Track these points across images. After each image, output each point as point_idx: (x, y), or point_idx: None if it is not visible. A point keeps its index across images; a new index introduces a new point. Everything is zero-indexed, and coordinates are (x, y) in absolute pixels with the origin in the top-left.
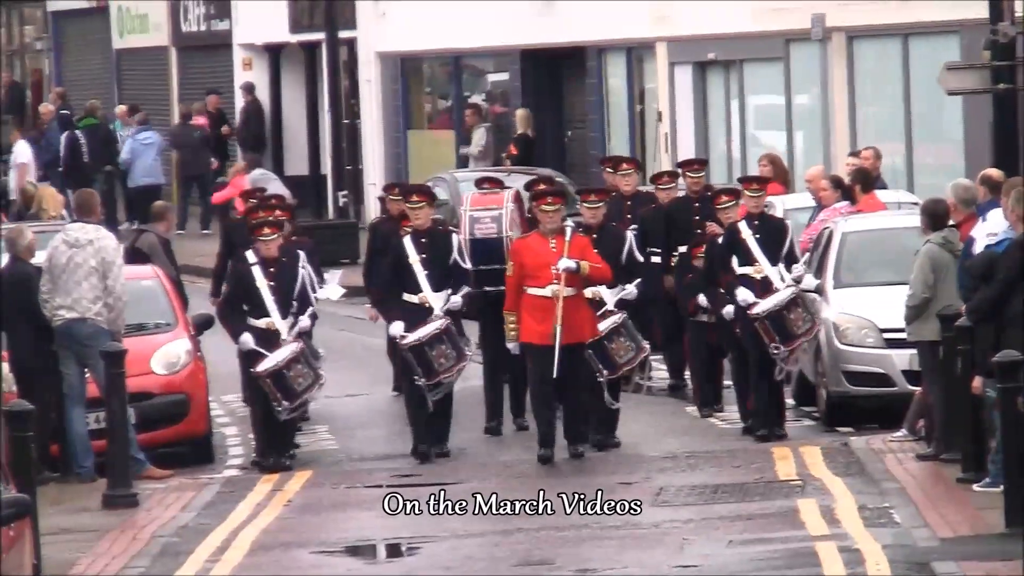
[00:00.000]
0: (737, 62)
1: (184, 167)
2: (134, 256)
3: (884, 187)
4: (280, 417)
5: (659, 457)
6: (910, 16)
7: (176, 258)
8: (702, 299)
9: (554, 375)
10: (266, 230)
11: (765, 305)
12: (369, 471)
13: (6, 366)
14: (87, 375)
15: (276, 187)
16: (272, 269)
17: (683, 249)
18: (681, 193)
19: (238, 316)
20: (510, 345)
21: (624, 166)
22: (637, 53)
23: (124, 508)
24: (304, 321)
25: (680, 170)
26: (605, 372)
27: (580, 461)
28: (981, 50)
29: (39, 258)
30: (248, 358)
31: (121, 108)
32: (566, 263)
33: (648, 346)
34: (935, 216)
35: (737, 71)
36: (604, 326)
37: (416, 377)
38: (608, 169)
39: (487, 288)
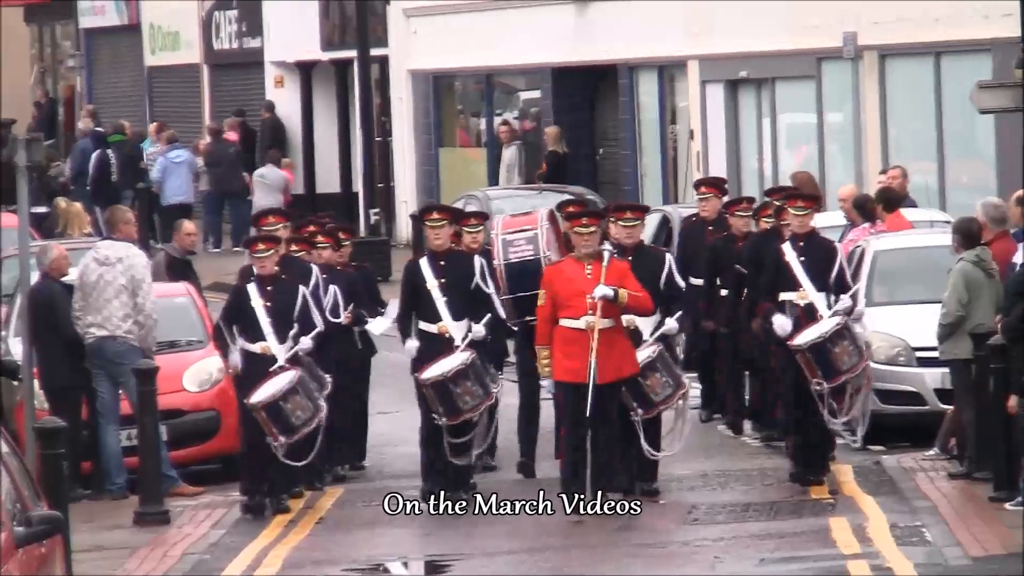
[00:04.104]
0: (769, 80)
1: (218, 184)
2: None
3: (913, 205)
4: (278, 454)
5: (690, 475)
6: (942, 35)
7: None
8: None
9: (587, 414)
10: (260, 246)
11: (807, 336)
12: (400, 489)
13: (36, 383)
14: (121, 392)
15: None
16: (269, 288)
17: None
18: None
19: (230, 335)
20: (544, 383)
21: (703, 189)
22: (669, 71)
23: (155, 525)
24: (305, 342)
25: (768, 199)
26: (640, 411)
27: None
28: (1013, 68)
29: (72, 275)
30: (241, 384)
31: (152, 125)
32: (602, 291)
33: (687, 382)
34: (968, 235)
35: (769, 89)
36: (639, 358)
37: (435, 416)
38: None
39: (529, 319)
